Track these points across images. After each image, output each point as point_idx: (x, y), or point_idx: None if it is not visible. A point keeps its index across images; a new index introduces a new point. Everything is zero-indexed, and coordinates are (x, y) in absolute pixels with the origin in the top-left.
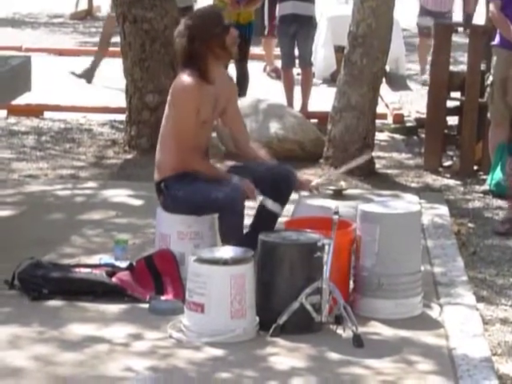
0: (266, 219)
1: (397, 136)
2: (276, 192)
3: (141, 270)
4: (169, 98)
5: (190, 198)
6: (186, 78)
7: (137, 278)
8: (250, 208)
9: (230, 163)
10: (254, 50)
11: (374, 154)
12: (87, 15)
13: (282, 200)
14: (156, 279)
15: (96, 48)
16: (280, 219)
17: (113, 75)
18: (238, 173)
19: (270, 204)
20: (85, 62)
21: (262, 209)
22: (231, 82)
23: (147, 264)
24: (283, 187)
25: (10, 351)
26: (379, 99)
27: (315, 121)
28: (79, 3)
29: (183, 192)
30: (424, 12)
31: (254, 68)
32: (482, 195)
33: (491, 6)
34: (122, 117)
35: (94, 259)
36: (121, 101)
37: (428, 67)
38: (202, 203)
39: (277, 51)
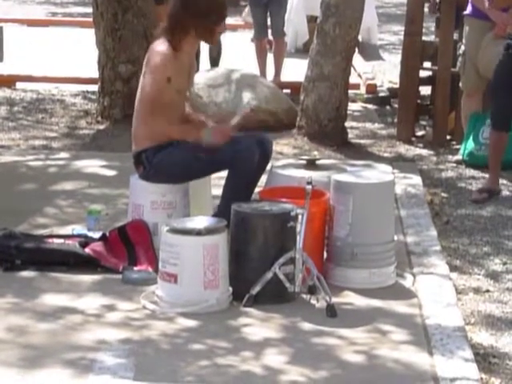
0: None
1: (370, 106)
2: None
3: (114, 241)
4: (145, 66)
5: (189, 162)
6: (161, 46)
7: (110, 248)
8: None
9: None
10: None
11: (347, 124)
12: None
13: (259, 168)
14: (129, 250)
15: (67, 18)
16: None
17: (85, 45)
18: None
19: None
20: (55, 33)
21: None
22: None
23: (120, 234)
24: (260, 156)
25: None
26: (352, 69)
27: (288, 91)
28: None
29: (177, 158)
30: None
31: (227, 38)
32: (454, 165)
33: None
34: (95, 87)
35: (67, 230)
36: (93, 71)
37: None
38: (211, 162)
39: None
